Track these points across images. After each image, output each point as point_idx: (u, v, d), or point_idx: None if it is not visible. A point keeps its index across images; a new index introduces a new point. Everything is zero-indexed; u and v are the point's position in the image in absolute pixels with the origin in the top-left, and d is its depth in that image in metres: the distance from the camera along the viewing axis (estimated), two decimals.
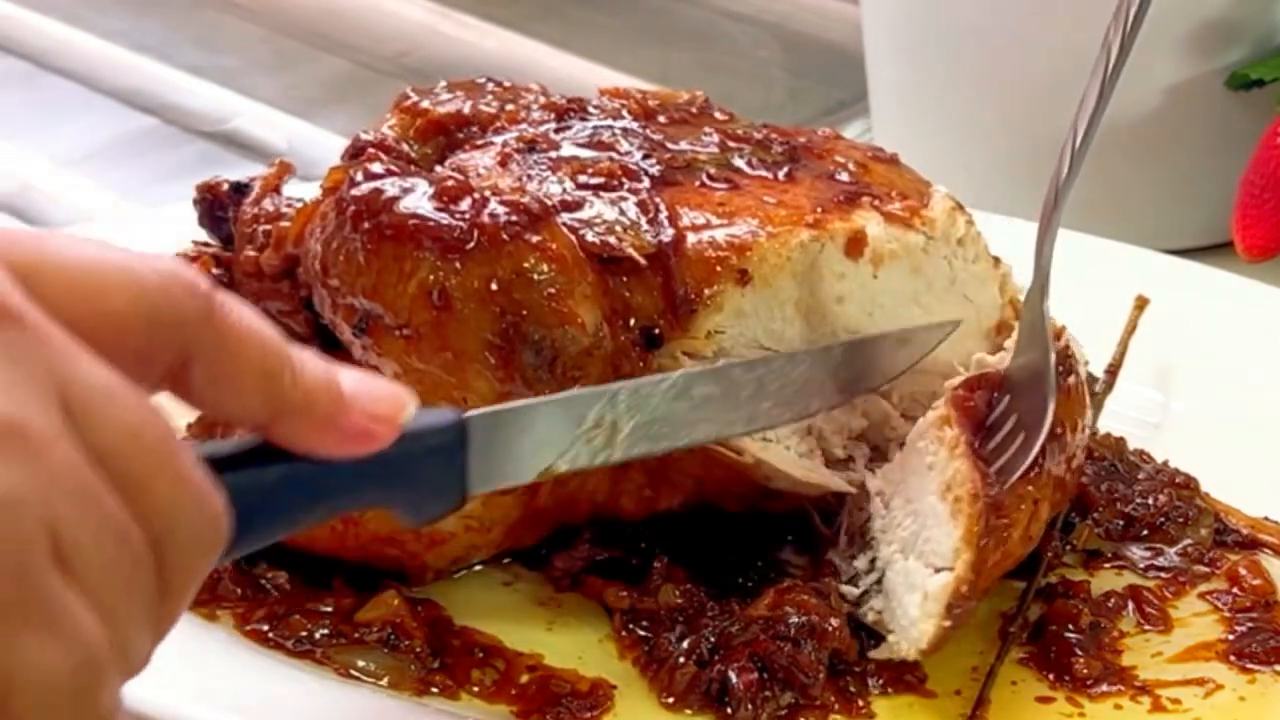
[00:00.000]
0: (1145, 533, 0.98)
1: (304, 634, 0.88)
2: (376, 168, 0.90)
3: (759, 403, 0.85)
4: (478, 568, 0.95)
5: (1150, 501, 0.99)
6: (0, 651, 0.53)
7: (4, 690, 0.53)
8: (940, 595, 0.85)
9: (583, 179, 0.92)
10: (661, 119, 1.00)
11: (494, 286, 0.86)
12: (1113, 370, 1.08)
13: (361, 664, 0.87)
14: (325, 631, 0.89)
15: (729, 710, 0.85)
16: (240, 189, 1.00)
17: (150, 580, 0.57)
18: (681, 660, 0.87)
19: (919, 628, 0.86)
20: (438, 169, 0.95)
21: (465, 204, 0.88)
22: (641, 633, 0.90)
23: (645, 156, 0.95)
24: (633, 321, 0.89)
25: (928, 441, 0.87)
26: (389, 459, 0.66)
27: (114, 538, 0.56)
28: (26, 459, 0.54)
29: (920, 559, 0.86)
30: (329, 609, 0.90)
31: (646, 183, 0.93)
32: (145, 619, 0.57)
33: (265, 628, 0.89)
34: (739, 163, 0.96)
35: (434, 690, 0.87)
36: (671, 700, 0.86)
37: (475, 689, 0.87)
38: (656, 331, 0.89)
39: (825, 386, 0.88)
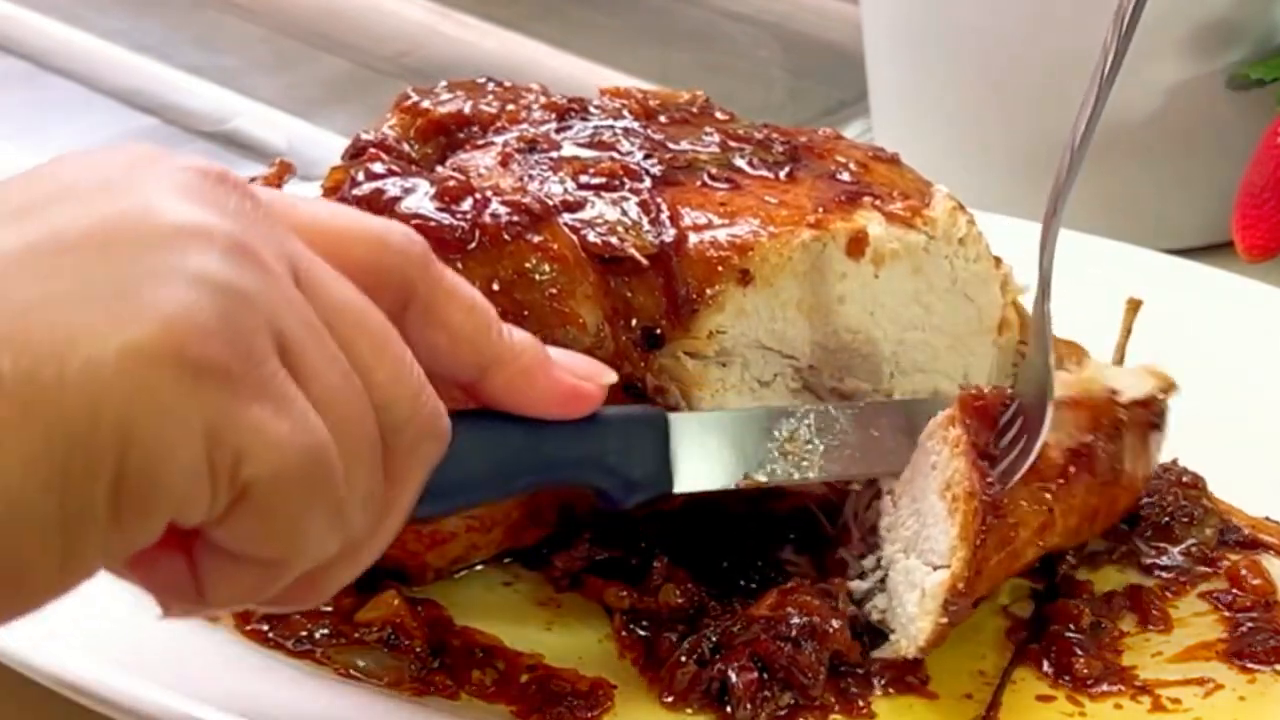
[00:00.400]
0: (1150, 532, 0.98)
1: (304, 634, 0.88)
2: (377, 167, 0.90)
3: None
4: (478, 568, 0.95)
5: (1156, 500, 0.99)
6: (231, 422, 0.55)
7: (235, 460, 0.55)
8: (937, 593, 0.85)
9: (584, 179, 0.92)
10: (662, 119, 1.00)
11: (495, 286, 0.86)
12: None
13: (361, 664, 0.87)
14: (325, 631, 0.89)
15: (729, 710, 0.85)
16: None
17: (374, 439, 0.59)
18: (682, 660, 0.87)
19: (917, 625, 0.86)
20: (438, 169, 0.95)
21: (467, 204, 0.88)
22: (641, 633, 0.90)
23: (646, 156, 0.95)
24: (634, 321, 0.89)
25: (934, 441, 0.88)
26: (596, 437, 0.70)
27: (340, 374, 0.58)
28: (258, 274, 0.56)
29: (920, 557, 0.87)
30: (329, 609, 0.90)
31: (648, 182, 0.93)
32: (370, 464, 0.59)
33: (265, 628, 0.89)
34: (740, 162, 0.96)
35: (434, 690, 0.87)
36: (671, 700, 0.86)
37: (475, 689, 0.87)
38: (658, 331, 0.89)
39: None
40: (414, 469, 0.61)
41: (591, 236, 0.89)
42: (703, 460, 0.78)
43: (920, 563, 0.86)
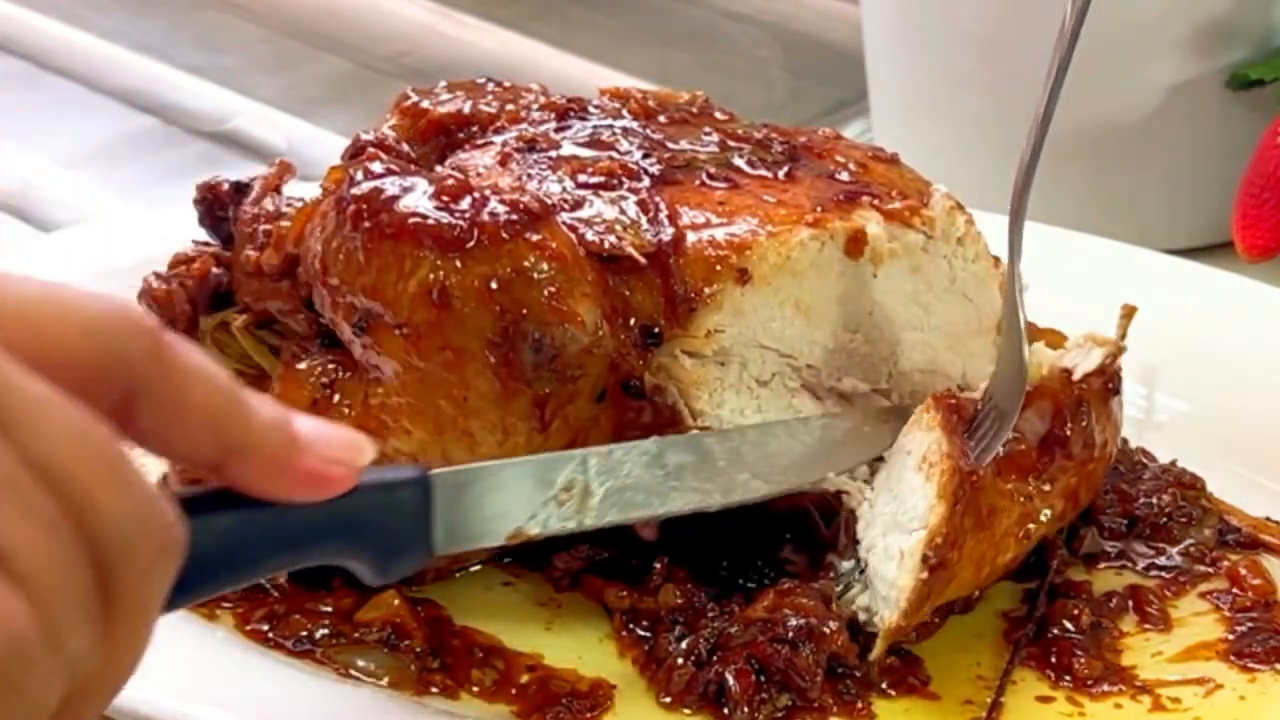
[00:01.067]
0: (1148, 532, 0.98)
1: (304, 634, 0.88)
2: (376, 167, 0.90)
3: (735, 474, 0.85)
4: (478, 568, 0.95)
5: (1155, 501, 0.99)
6: None
7: None
8: (915, 550, 0.85)
9: (583, 178, 0.92)
10: (661, 119, 1.00)
11: (494, 285, 0.86)
12: None
13: (361, 664, 0.87)
14: (325, 631, 0.89)
15: (726, 711, 0.85)
16: (241, 189, 1.00)
17: (87, 592, 0.55)
18: (680, 661, 0.87)
19: (897, 586, 0.86)
20: (438, 168, 0.95)
21: (465, 203, 0.88)
22: (641, 633, 0.90)
23: (645, 156, 0.95)
24: (632, 320, 0.89)
25: (909, 437, 0.88)
26: (350, 511, 0.65)
27: (43, 531, 0.54)
28: None
29: (899, 529, 0.87)
30: (329, 609, 0.90)
31: (646, 182, 0.93)
32: (84, 615, 0.55)
33: (265, 628, 0.89)
34: (739, 162, 0.96)
35: (434, 690, 0.87)
36: (669, 700, 0.86)
37: (475, 689, 0.87)
38: (656, 330, 0.89)
39: (802, 461, 0.88)
40: (150, 592, 0.57)
41: (590, 235, 0.89)
42: (467, 518, 0.74)
43: (899, 534, 0.86)
